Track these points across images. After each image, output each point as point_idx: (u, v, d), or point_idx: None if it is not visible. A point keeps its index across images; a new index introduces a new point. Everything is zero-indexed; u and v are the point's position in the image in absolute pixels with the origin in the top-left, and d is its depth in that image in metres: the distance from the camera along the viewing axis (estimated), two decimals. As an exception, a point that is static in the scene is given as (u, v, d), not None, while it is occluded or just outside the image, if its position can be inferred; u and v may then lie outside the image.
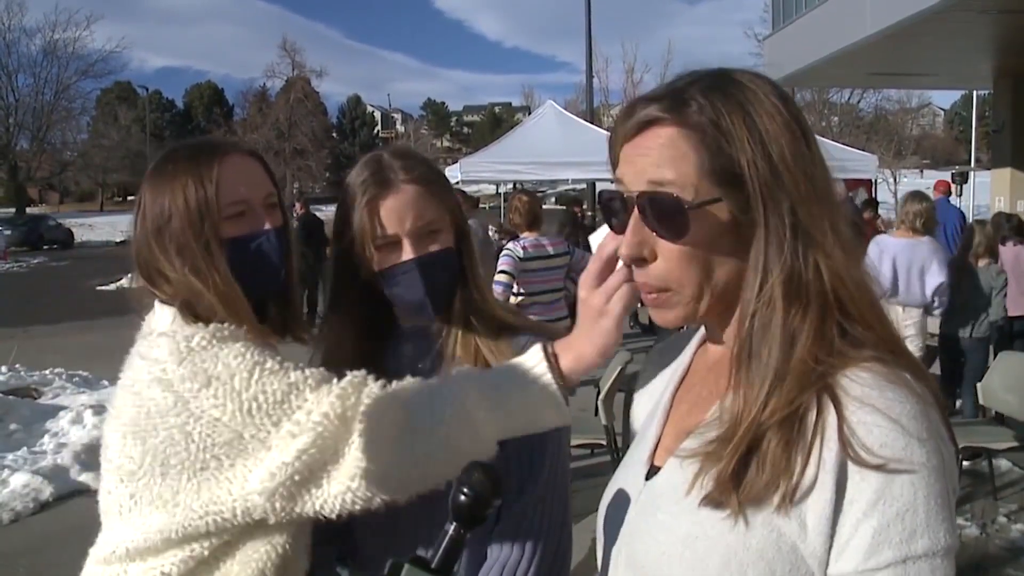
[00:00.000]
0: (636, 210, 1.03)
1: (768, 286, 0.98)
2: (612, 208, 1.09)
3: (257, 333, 1.50)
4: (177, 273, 1.49)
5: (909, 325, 5.91)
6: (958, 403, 6.72)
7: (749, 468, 0.95)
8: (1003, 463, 6.14)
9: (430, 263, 1.53)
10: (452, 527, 1.06)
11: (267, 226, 1.54)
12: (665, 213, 1.00)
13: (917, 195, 6.48)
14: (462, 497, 1.07)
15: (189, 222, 1.49)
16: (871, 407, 0.92)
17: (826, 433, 0.93)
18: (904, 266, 5.92)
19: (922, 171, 47.04)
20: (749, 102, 1.00)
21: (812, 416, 0.94)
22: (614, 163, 1.09)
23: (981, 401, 5.75)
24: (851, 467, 0.91)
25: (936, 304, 6.02)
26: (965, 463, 5.52)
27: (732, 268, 1.02)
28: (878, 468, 0.89)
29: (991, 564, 4.85)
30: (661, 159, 1.00)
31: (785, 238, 0.97)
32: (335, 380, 1.39)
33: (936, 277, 5.87)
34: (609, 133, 1.10)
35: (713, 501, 0.97)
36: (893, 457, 0.90)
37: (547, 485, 1.50)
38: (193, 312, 1.49)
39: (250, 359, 1.40)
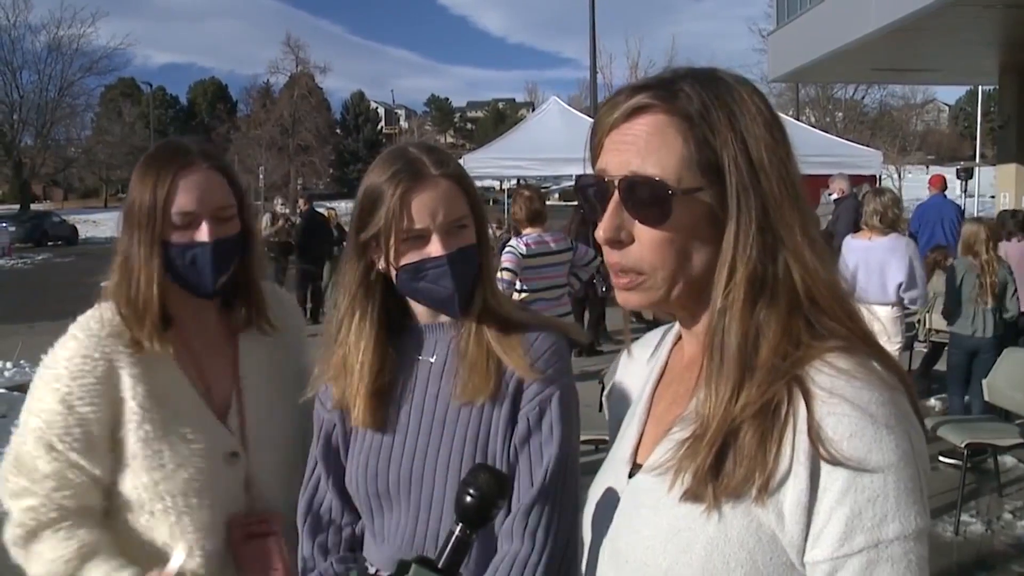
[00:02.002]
0: (617, 193, 1.04)
1: (734, 281, 1.00)
2: (587, 193, 1.10)
3: (157, 337, 1.69)
4: (120, 255, 1.72)
5: (874, 324, 5.89)
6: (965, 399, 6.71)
7: (726, 462, 0.97)
8: (1008, 460, 6.15)
9: (460, 259, 1.52)
10: (458, 528, 1.07)
11: (204, 239, 1.69)
12: (648, 198, 1.02)
13: (875, 192, 6.46)
14: (468, 498, 1.07)
15: (141, 218, 1.68)
16: (840, 397, 0.94)
17: (797, 425, 0.95)
18: (864, 266, 5.90)
19: (927, 166, 46.86)
20: (734, 101, 1.02)
21: (784, 408, 0.96)
22: (596, 151, 1.10)
23: (986, 397, 5.73)
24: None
25: (907, 300, 6.00)
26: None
27: (706, 259, 1.04)
28: (847, 461, 0.92)
29: (996, 561, 4.84)
30: (648, 146, 1.02)
31: (753, 236, 1.00)
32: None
33: (896, 276, 5.84)
34: (592, 123, 1.11)
35: (693, 496, 0.99)
36: (863, 446, 0.92)
37: (557, 480, 1.50)
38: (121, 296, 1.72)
39: (79, 370, 1.68)
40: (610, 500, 1.15)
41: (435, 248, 1.51)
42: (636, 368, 1.31)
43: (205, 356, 1.83)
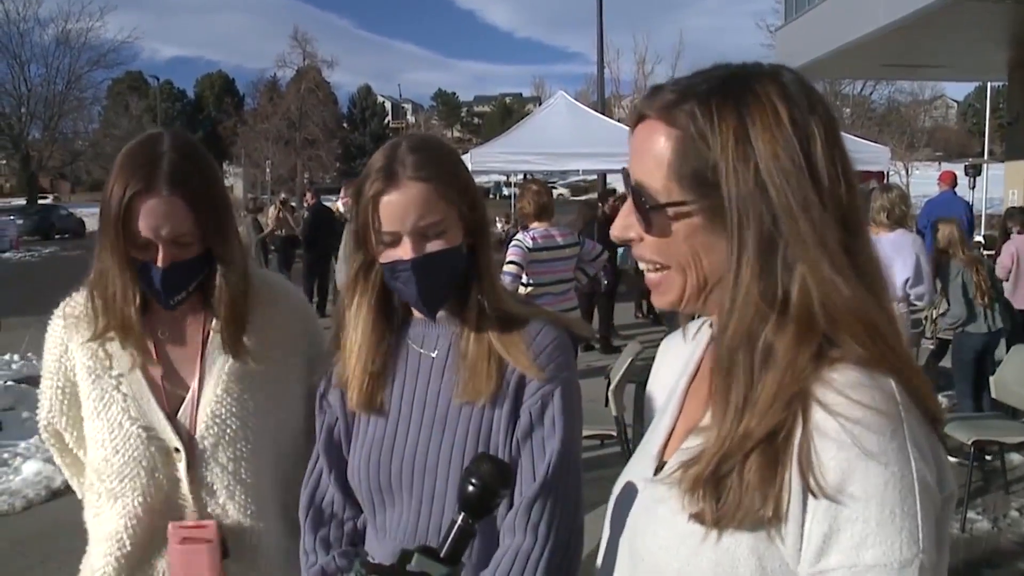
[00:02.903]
0: (631, 195, 1.06)
1: (739, 303, 0.97)
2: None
3: (116, 327, 1.75)
4: (96, 257, 1.75)
5: None
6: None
7: (729, 491, 0.95)
8: (1015, 457, 6.13)
9: (427, 264, 1.51)
10: (461, 517, 1.07)
11: (158, 264, 1.69)
12: (643, 206, 1.03)
13: (882, 188, 6.43)
14: (471, 488, 1.08)
15: (107, 227, 1.69)
16: (833, 416, 0.91)
17: (794, 446, 0.92)
18: None
19: (940, 163, 46.53)
20: (749, 109, 0.97)
21: (787, 431, 0.94)
22: None
23: (993, 395, 5.71)
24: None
25: (913, 297, 5.97)
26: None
27: (715, 264, 1.01)
28: (832, 482, 0.89)
29: (1003, 558, 4.84)
30: (643, 156, 1.03)
31: (755, 252, 0.96)
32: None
33: (902, 272, 5.82)
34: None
35: (698, 517, 0.98)
36: (848, 468, 0.89)
37: (559, 474, 1.50)
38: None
39: (47, 349, 1.88)
40: (632, 495, 1.15)
41: (404, 251, 1.51)
42: (674, 359, 1.30)
43: (171, 349, 1.83)
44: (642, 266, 1.09)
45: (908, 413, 0.92)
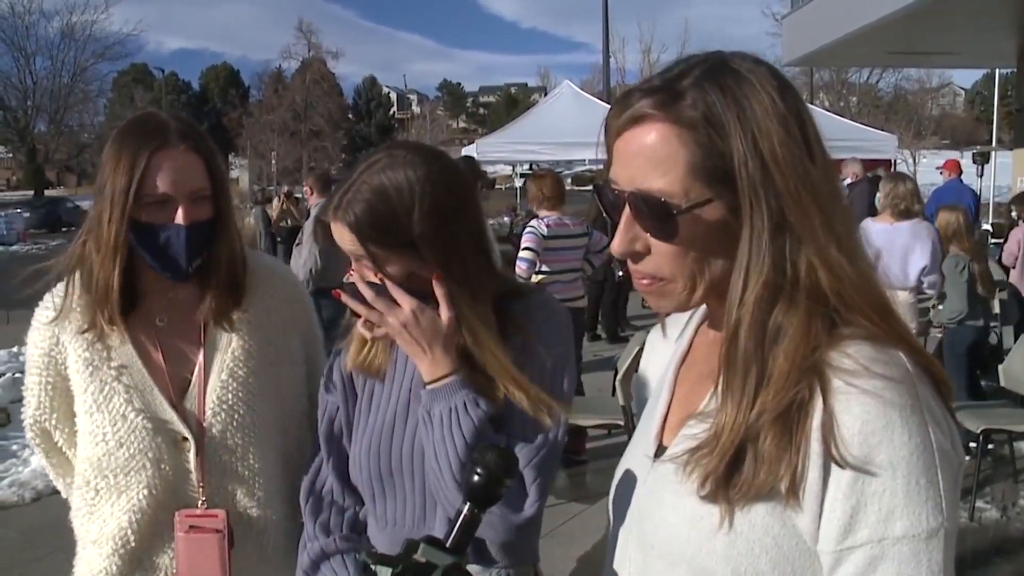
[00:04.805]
0: (627, 207, 1.02)
1: (748, 292, 0.97)
2: (605, 199, 1.08)
3: (114, 320, 1.69)
4: (85, 233, 1.70)
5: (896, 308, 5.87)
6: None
7: (743, 468, 0.95)
8: (1024, 446, 6.12)
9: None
10: (466, 507, 1.08)
11: (179, 222, 1.65)
12: (655, 215, 0.99)
13: (892, 176, 6.40)
14: (476, 477, 1.08)
15: (114, 197, 1.63)
16: (854, 389, 0.91)
17: (813, 419, 0.93)
18: (887, 251, 5.81)
19: (961, 152, 46.17)
20: (745, 95, 0.97)
21: (803, 405, 0.94)
22: (608, 156, 1.07)
23: (1002, 383, 5.68)
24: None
25: (927, 284, 5.95)
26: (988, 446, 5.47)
27: (726, 260, 1.01)
28: (857, 454, 0.90)
29: (1012, 547, 4.83)
30: (651, 161, 0.99)
31: (767, 241, 0.96)
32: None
33: (919, 260, 5.80)
34: (604, 119, 1.08)
35: (711, 498, 0.98)
36: (873, 441, 0.89)
37: (557, 446, 1.51)
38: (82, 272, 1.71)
39: (33, 343, 1.78)
40: (634, 481, 1.15)
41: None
42: (663, 348, 1.30)
43: (171, 336, 1.80)
44: (637, 279, 1.06)
45: (920, 383, 0.94)
